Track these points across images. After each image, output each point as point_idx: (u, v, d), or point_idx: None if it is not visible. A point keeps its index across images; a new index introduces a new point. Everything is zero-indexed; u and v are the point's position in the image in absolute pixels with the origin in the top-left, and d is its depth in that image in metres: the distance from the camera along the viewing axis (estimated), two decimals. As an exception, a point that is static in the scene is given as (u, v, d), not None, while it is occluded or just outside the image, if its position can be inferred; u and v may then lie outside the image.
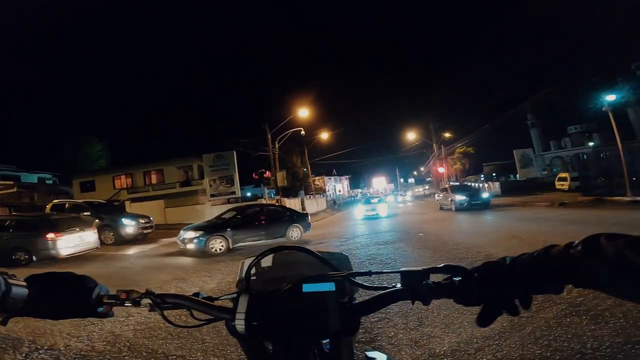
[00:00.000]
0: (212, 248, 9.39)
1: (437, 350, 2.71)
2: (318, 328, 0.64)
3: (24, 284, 0.63)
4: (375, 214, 18.43)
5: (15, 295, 0.60)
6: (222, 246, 9.53)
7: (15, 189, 24.17)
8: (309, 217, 11.97)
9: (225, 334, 0.65)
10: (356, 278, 0.74)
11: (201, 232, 9.56)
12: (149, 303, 0.69)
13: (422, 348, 2.78)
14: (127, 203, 21.42)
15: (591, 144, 45.02)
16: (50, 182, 34.54)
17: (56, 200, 14.97)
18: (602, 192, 14.49)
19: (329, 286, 0.68)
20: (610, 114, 14.34)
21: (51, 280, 0.67)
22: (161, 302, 0.69)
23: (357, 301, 0.71)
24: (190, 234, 9.52)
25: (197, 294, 0.73)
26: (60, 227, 9.14)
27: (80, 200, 15.59)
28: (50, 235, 8.72)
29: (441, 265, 0.64)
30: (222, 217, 10.74)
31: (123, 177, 28.52)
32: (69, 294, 0.66)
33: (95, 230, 10.51)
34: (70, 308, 0.66)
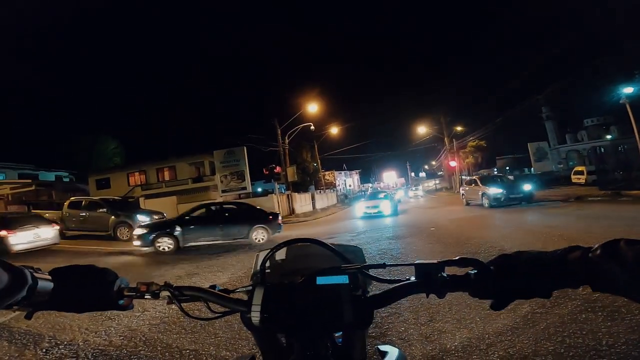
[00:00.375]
0: (160, 246, 9.28)
1: (448, 346, 2.70)
2: (332, 320, 0.64)
3: (49, 277, 0.63)
4: (377, 212, 15.71)
5: (42, 289, 0.60)
6: (171, 245, 9.37)
7: (33, 187, 24.83)
8: (280, 217, 11.24)
9: (238, 328, 0.66)
10: (370, 271, 0.74)
11: (148, 230, 9.51)
12: (168, 295, 0.70)
13: (433, 343, 2.77)
14: (141, 199, 21.81)
15: (609, 137, 43.78)
16: (67, 180, 35.39)
17: (73, 198, 15.34)
18: (620, 186, 14.09)
19: (343, 279, 0.68)
20: (628, 107, 13.92)
21: (74, 274, 0.67)
22: (179, 294, 0.71)
23: (370, 294, 0.71)
24: (139, 231, 9.54)
25: (213, 287, 0.74)
26: (13, 225, 9.96)
27: (96, 197, 15.94)
28: (2, 233, 9.58)
29: (456, 257, 0.64)
30: (187, 215, 10.54)
31: (137, 174, 29.08)
32: (92, 287, 0.67)
33: (55, 227, 11.04)
34: (92, 301, 0.67)
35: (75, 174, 35.19)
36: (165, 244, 9.35)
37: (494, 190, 14.27)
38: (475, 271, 0.62)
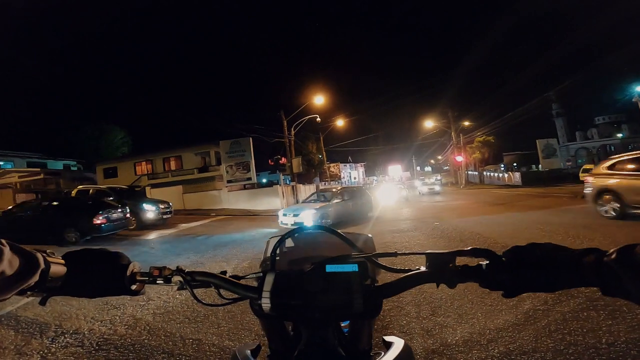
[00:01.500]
0: None
1: (449, 340, 2.72)
2: (341, 309, 0.65)
3: (63, 262, 0.63)
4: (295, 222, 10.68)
5: (55, 274, 0.59)
6: None
7: (41, 176, 25.14)
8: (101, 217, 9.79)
9: (240, 318, 0.67)
10: (380, 260, 0.74)
11: None
12: (180, 281, 0.70)
13: (434, 337, 2.79)
14: (147, 189, 21.99)
15: (619, 135, 43.07)
16: (75, 169, 35.79)
17: (81, 186, 15.55)
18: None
19: (352, 267, 0.68)
20: (639, 105, 13.67)
21: (88, 258, 0.67)
22: (191, 279, 0.70)
23: (379, 283, 0.71)
24: None
25: (224, 273, 0.74)
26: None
27: (103, 186, 16.11)
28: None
29: (468, 248, 0.64)
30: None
31: (144, 163, 29.29)
32: (105, 271, 0.66)
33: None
34: (106, 285, 0.66)
35: (83, 163, 35.58)
36: None
37: None
38: (487, 262, 0.62)
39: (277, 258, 0.88)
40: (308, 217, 10.62)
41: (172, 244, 9.09)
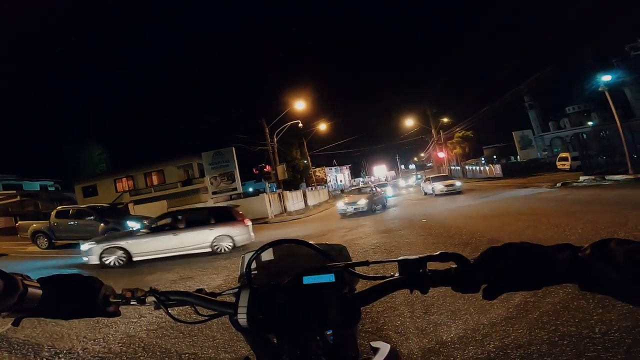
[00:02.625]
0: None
1: (444, 338, 2.73)
2: (319, 319, 0.65)
3: (38, 285, 0.64)
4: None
5: (31, 296, 0.61)
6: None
7: (18, 198, 24.39)
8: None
9: (235, 330, 0.66)
10: (355, 268, 0.75)
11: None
12: (154, 301, 0.70)
13: (429, 336, 2.80)
14: (130, 205, 21.45)
15: (590, 123, 44.77)
16: (53, 189, 34.70)
17: (60, 207, 14.99)
18: (604, 171, 14.45)
19: (329, 277, 0.69)
20: (607, 94, 14.27)
21: (61, 282, 0.68)
22: (165, 299, 0.71)
23: (357, 291, 0.71)
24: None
25: (200, 290, 0.74)
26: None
27: (83, 206, 15.62)
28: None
29: (437, 253, 0.64)
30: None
31: (124, 179, 28.63)
32: (78, 295, 0.67)
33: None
34: (79, 308, 0.67)
35: (60, 182, 34.55)
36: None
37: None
38: (456, 266, 0.62)
39: (255, 272, 0.90)
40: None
41: (159, 260, 8.86)
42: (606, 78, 14.94)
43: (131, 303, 0.70)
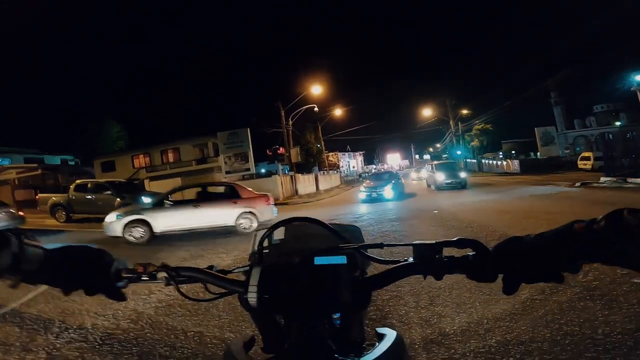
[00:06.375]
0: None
1: (447, 330, 2.75)
2: (329, 301, 0.64)
3: (40, 245, 0.61)
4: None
5: (31, 257, 0.57)
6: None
7: (39, 171, 25.02)
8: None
9: (241, 310, 0.67)
10: (368, 251, 0.73)
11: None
12: (165, 277, 0.69)
13: (433, 327, 2.82)
14: (146, 182, 21.95)
15: (618, 123, 42.99)
16: (73, 163, 35.64)
17: (79, 181, 15.44)
18: (627, 173, 13.92)
19: (341, 259, 0.68)
20: (638, 94, 13.62)
21: (70, 250, 0.65)
22: (176, 275, 0.69)
23: (368, 275, 0.70)
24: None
25: (210, 267, 0.72)
26: None
27: (102, 180, 16.05)
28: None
29: (455, 238, 0.63)
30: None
31: (141, 156, 29.17)
32: (88, 266, 0.64)
33: None
34: (87, 280, 0.64)
35: (80, 157, 35.41)
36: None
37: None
38: (474, 253, 0.60)
39: (266, 251, 0.88)
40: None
41: (170, 236, 9.08)
42: (639, 78, 14.24)
43: (142, 279, 0.69)
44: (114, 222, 8.40)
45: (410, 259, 0.66)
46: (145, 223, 8.41)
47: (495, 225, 7.09)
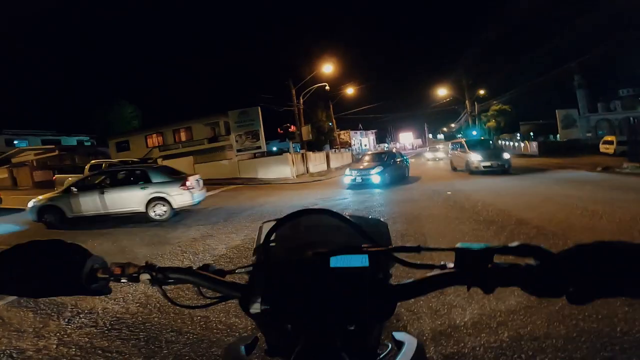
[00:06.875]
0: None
1: (457, 321, 2.67)
2: (346, 312, 0.55)
3: None
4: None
5: None
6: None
7: (57, 152, 25.56)
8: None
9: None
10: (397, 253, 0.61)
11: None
12: (148, 279, 0.61)
13: (442, 318, 2.75)
14: (159, 160, 22.23)
15: (644, 108, 41.12)
16: (89, 144, 36.35)
17: (94, 161, 15.74)
18: (651, 158, 13.32)
19: (362, 260, 0.58)
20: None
21: (35, 251, 0.59)
22: (163, 277, 0.62)
23: (392, 278, 0.60)
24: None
25: (206, 267, 0.65)
26: None
27: (115, 160, 16.32)
28: None
29: (515, 244, 0.51)
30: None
31: (154, 136, 29.49)
32: (57, 268, 0.57)
33: None
34: (57, 283, 0.57)
35: (95, 137, 36.03)
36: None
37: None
38: (538, 263, 0.49)
39: (273, 244, 0.76)
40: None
41: (182, 215, 9.19)
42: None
43: (121, 281, 0.61)
44: (31, 208, 8.99)
45: (450, 265, 0.55)
46: (57, 209, 8.85)
47: (512, 208, 6.81)
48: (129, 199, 8.77)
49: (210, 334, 2.80)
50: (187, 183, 8.83)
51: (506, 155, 14.11)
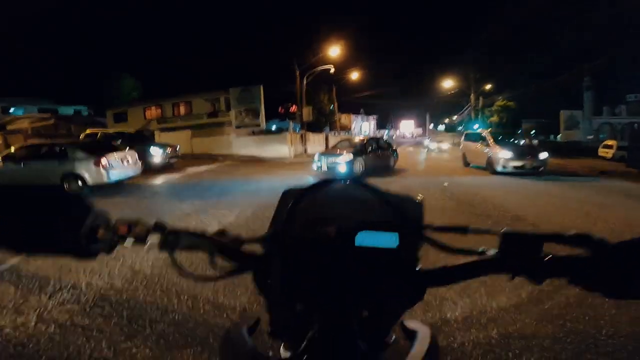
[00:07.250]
0: None
1: (448, 315, 2.66)
2: (370, 295, 0.50)
3: None
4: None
5: None
6: None
7: (52, 121, 25.25)
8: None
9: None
10: (427, 231, 0.54)
11: None
12: (158, 241, 0.53)
13: (433, 311, 2.73)
14: (156, 133, 22.02)
15: (651, 114, 41.05)
16: (86, 114, 35.84)
17: (89, 130, 15.51)
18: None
19: (391, 240, 0.50)
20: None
21: (25, 198, 0.50)
22: (174, 240, 0.53)
23: (421, 261, 0.53)
24: None
25: (222, 232, 0.56)
26: None
27: (111, 130, 16.10)
28: None
29: (571, 233, 0.46)
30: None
31: (153, 108, 29.13)
32: (49, 219, 0.49)
33: None
34: (47, 238, 0.48)
35: (93, 108, 35.52)
36: None
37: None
38: (594, 253, 0.45)
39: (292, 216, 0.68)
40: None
41: (176, 188, 9.11)
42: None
43: (125, 243, 0.53)
44: None
45: (491, 251, 0.50)
46: None
47: (509, 205, 6.77)
48: (46, 173, 9.11)
49: (197, 314, 2.73)
50: (102, 162, 8.98)
51: (543, 155, 11.56)
